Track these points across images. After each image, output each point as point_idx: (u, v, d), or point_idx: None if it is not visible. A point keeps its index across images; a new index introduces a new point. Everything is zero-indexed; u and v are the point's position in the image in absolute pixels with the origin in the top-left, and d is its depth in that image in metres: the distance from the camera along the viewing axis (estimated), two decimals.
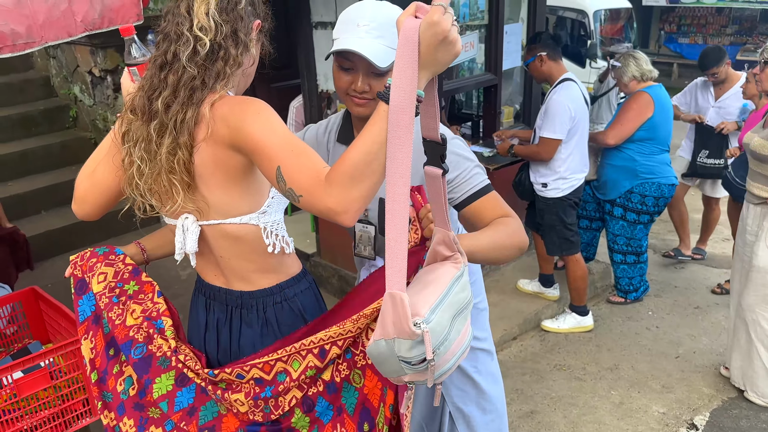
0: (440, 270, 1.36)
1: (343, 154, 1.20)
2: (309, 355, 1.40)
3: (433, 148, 1.33)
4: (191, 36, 1.32)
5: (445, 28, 1.10)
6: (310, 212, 1.26)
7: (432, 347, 1.17)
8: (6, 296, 2.73)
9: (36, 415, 2.26)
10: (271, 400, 1.41)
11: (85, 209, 1.59)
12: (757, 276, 2.95)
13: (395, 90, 1.12)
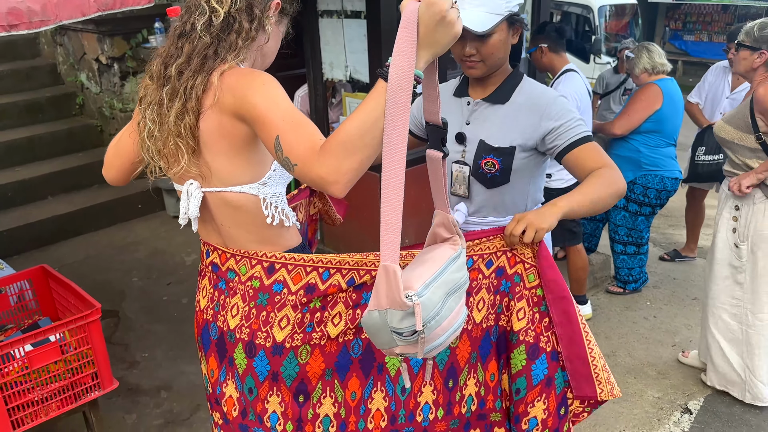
0: (438, 250, 1.43)
1: (339, 126, 1.25)
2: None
3: (434, 132, 1.42)
4: (207, 7, 1.39)
5: (443, 8, 1.17)
6: (304, 181, 1.31)
7: (422, 320, 1.22)
8: (16, 274, 2.79)
9: (46, 387, 2.33)
10: None
11: (112, 173, 1.67)
12: (716, 267, 2.97)
13: (393, 69, 1.18)
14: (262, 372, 1.50)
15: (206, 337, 1.59)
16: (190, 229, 1.61)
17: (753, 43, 2.76)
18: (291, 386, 1.51)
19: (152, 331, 3.82)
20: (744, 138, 2.74)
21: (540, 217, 1.58)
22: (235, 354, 1.53)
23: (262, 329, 1.49)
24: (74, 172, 5.47)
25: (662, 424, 2.87)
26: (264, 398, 1.53)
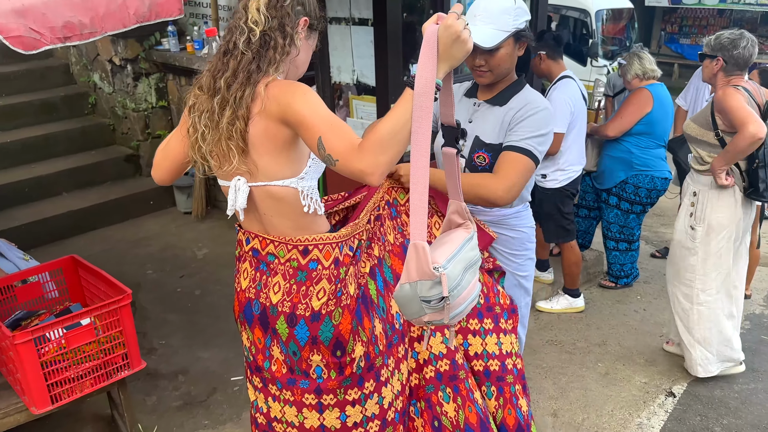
0: (454, 234, 1.69)
1: (374, 128, 1.49)
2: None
3: (449, 132, 1.70)
4: (246, 27, 1.62)
5: (458, 29, 1.43)
6: (344, 174, 1.54)
7: (448, 288, 1.47)
8: (48, 263, 3.00)
9: (81, 366, 2.53)
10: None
11: (159, 174, 1.89)
12: (676, 250, 3.27)
13: (418, 79, 1.44)
14: (303, 338, 1.74)
15: (249, 313, 1.80)
16: (200, 224, 1.87)
17: (711, 51, 3.04)
18: (329, 345, 1.75)
19: (168, 320, 4.03)
20: (705, 134, 3.03)
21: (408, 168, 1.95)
22: (278, 325, 1.76)
23: (302, 301, 1.73)
24: (88, 169, 5.68)
25: (647, 405, 3.09)
26: (307, 358, 1.77)
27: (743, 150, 2.87)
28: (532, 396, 3.14)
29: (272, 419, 1.91)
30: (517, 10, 2.03)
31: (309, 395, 1.81)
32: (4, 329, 2.40)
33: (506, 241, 2.24)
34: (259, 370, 1.88)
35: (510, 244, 2.26)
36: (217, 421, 3.15)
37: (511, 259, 2.27)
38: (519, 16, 2.04)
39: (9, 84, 6.05)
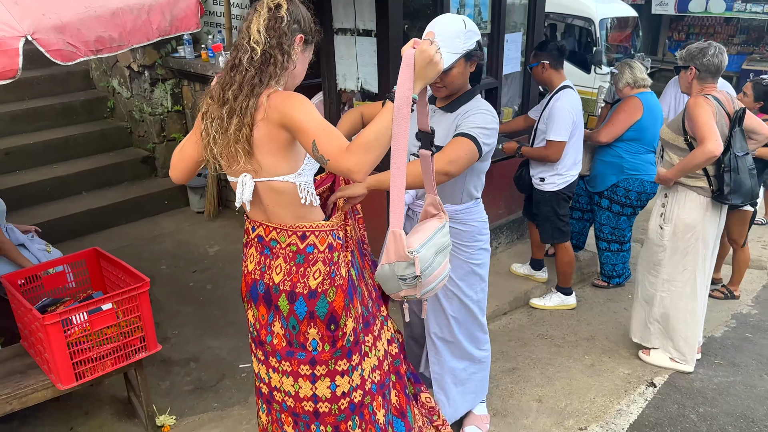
0: (429, 223, 2.01)
1: (361, 133, 1.75)
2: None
3: (425, 136, 2.01)
4: (248, 47, 1.86)
5: (431, 53, 1.70)
6: (334, 172, 1.78)
7: (420, 269, 1.75)
8: (72, 255, 3.26)
9: (102, 347, 2.78)
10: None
11: (176, 174, 2.12)
12: (648, 246, 3.51)
13: (398, 94, 1.71)
14: (302, 313, 1.99)
15: (254, 292, 2.04)
16: (212, 223, 2.14)
17: (683, 62, 3.26)
18: (324, 320, 1.99)
19: (181, 312, 4.28)
20: (676, 139, 3.26)
21: (351, 189, 2.17)
22: (279, 302, 2.01)
23: (301, 281, 1.98)
24: (106, 170, 5.95)
25: (628, 394, 3.29)
26: (304, 331, 2.02)
27: (698, 165, 3.11)
28: (519, 385, 3.36)
29: (273, 388, 2.15)
30: (468, 33, 2.30)
31: (304, 366, 2.06)
32: (35, 312, 2.64)
33: (458, 233, 2.50)
34: (261, 344, 2.12)
35: (461, 236, 2.52)
36: (225, 404, 3.38)
37: (462, 249, 2.54)
38: (469, 38, 2.31)
39: (32, 88, 6.35)
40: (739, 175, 3.11)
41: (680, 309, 3.45)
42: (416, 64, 1.71)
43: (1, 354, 3.01)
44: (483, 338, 2.75)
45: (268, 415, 2.23)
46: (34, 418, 3.24)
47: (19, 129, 5.95)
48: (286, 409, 2.15)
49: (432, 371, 2.72)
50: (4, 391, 2.70)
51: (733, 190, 3.12)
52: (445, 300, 2.59)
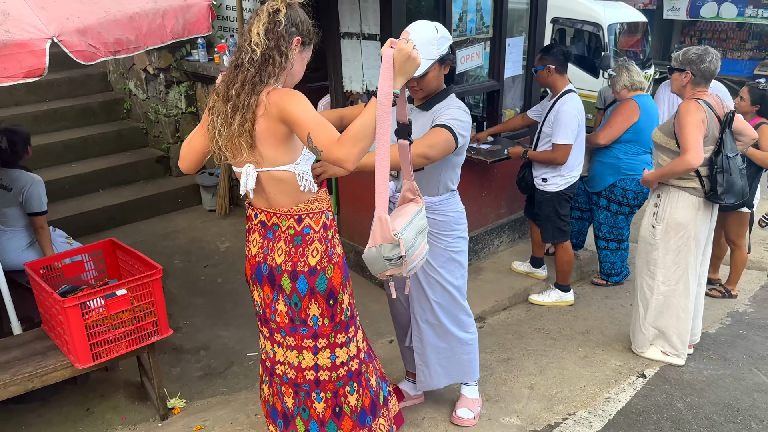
0: (407, 207, 2.24)
1: (349, 126, 1.92)
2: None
3: (403, 128, 2.22)
4: (249, 48, 2.03)
5: (408, 50, 1.89)
6: (327, 161, 1.96)
7: (404, 249, 1.94)
8: (90, 245, 3.45)
9: (117, 330, 2.96)
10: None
11: (185, 165, 2.32)
12: (642, 245, 3.62)
13: (380, 91, 1.90)
14: (303, 290, 2.17)
15: (259, 273, 2.22)
16: (224, 221, 2.33)
17: (680, 65, 3.34)
18: (324, 295, 2.18)
19: (192, 303, 4.46)
20: (668, 142, 3.36)
21: (335, 168, 2.26)
22: (282, 281, 2.18)
23: (301, 260, 2.16)
24: (122, 168, 6.18)
25: (618, 384, 3.41)
26: (306, 307, 2.19)
27: (677, 173, 3.28)
28: (513, 373, 3.49)
29: (276, 362, 2.33)
30: (440, 39, 2.48)
31: (307, 340, 2.25)
32: (56, 295, 2.83)
33: (435, 223, 2.68)
34: (267, 322, 2.30)
35: (439, 226, 2.69)
36: (233, 389, 3.55)
37: (440, 238, 2.71)
38: (442, 44, 2.49)
39: (52, 90, 6.60)
40: (731, 176, 3.22)
41: (673, 306, 3.55)
42: (395, 62, 1.89)
43: (23, 337, 3.21)
44: (467, 321, 2.90)
45: (270, 387, 2.40)
46: (54, 401, 3.42)
47: (40, 129, 6.18)
48: (287, 382, 2.32)
49: (414, 346, 2.90)
50: (26, 370, 2.89)
51: (726, 190, 3.24)
52: (427, 287, 2.76)
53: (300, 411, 2.34)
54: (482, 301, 4.42)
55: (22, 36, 2.09)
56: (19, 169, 3.69)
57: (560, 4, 10.38)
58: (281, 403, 2.38)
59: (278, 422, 2.42)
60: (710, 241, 3.58)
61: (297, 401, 2.34)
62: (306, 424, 2.36)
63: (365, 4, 4.11)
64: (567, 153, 4.08)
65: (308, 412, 2.34)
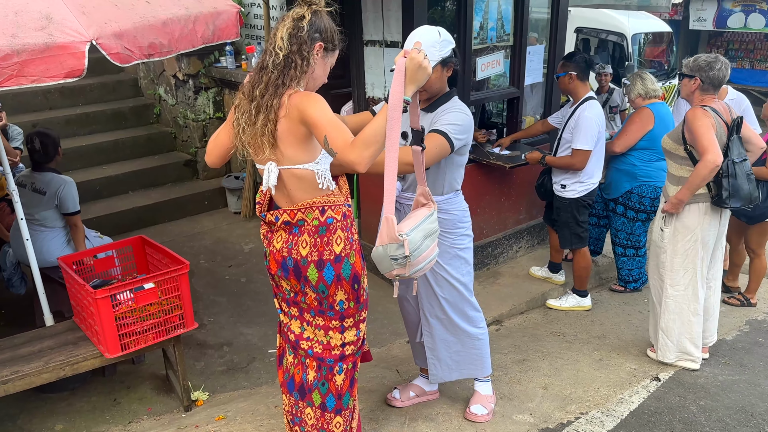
0: (419, 210, 2.36)
1: (362, 131, 2.03)
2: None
3: (416, 134, 2.37)
4: (273, 52, 2.15)
5: (419, 60, 2.02)
6: (341, 163, 2.06)
7: (409, 250, 2.10)
8: (121, 241, 3.61)
9: (145, 322, 3.09)
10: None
11: (211, 159, 2.43)
12: (652, 248, 3.70)
13: (391, 97, 2.03)
14: (329, 277, 2.27)
15: (285, 267, 2.32)
16: (248, 223, 2.45)
17: (689, 72, 3.41)
18: (349, 280, 2.29)
19: (216, 301, 4.59)
20: (677, 148, 3.43)
21: None
22: (308, 272, 2.28)
23: (326, 249, 2.26)
24: (152, 171, 6.37)
25: (632, 386, 3.45)
26: (332, 294, 2.30)
27: (705, 177, 3.27)
28: (527, 374, 3.55)
29: (303, 338, 2.45)
30: (443, 42, 2.58)
31: (335, 321, 2.38)
32: (88, 287, 2.97)
33: (440, 221, 2.75)
34: (296, 303, 2.42)
35: (444, 224, 2.78)
36: (255, 383, 3.66)
37: (446, 236, 2.81)
38: (444, 47, 2.59)
39: (85, 95, 6.84)
40: (737, 180, 3.28)
41: (684, 312, 3.58)
42: (407, 70, 2.01)
43: (56, 328, 3.36)
44: (476, 316, 2.98)
45: (295, 358, 2.51)
46: (83, 391, 3.57)
47: (72, 132, 6.41)
48: (312, 355, 2.44)
49: (425, 341, 2.98)
50: (58, 359, 3.03)
51: (731, 194, 3.29)
52: (435, 284, 2.86)
53: (319, 385, 2.45)
54: (500, 304, 4.49)
55: (63, 39, 2.23)
56: (50, 172, 3.85)
57: (584, 14, 10.42)
58: (302, 375, 2.48)
59: (294, 393, 2.52)
60: (721, 245, 3.62)
61: (319, 375, 2.45)
62: (323, 398, 2.46)
63: (388, 13, 4.23)
64: (586, 159, 4.13)
65: (327, 386, 2.45)
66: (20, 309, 4.19)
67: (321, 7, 2.19)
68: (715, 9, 14.42)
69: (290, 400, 2.54)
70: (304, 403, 2.49)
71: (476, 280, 3.67)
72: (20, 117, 6.13)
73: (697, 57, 3.42)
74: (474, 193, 4.44)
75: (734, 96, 4.79)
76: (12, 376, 2.90)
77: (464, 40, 4.35)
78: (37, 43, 2.20)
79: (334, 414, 2.47)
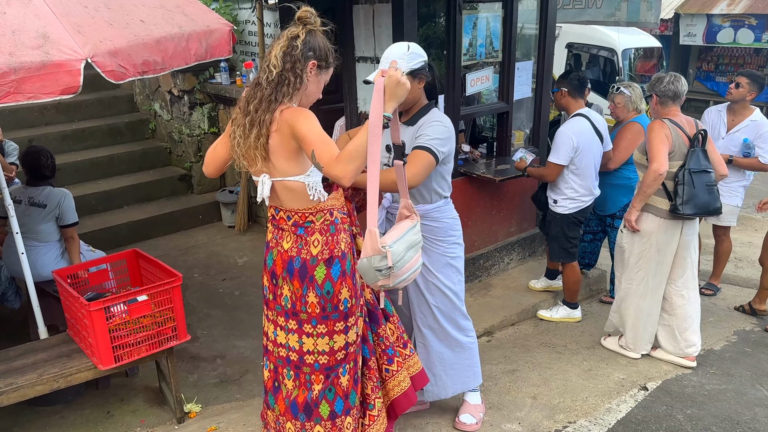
0: (402, 223, 2.44)
1: (346, 147, 2.12)
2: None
3: (397, 149, 2.48)
4: (268, 69, 2.23)
5: (398, 77, 2.11)
6: (327, 176, 2.16)
7: (392, 261, 2.18)
8: (115, 255, 3.65)
9: (138, 335, 3.12)
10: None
11: (208, 170, 2.51)
12: (616, 248, 4.04)
13: (372, 115, 2.12)
14: (336, 274, 2.37)
15: (291, 268, 2.39)
16: (242, 237, 2.56)
17: (648, 91, 3.78)
18: (350, 275, 2.40)
19: (210, 314, 4.63)
20: (641, 158, 3.70)
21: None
22: (316, 272, 2.36)
23: (337, 246, 2.37)
24: (147, 186, 6.42)
25: (620, 395, 3.49)
26: (338, 292, 2.38)
27: (649, 184, 3.54)
28: (517, 384, 3.59)
29: (305, 353, 2.49)
30: (411, 55, 2.67)
31: (339, 323, 2.45)
32: (82, 299, 3.02)
33: (432, 230, 2.85)
34: (296, 314, 2.46)
35: (435, 232, 2.86)
36: (247, 395, 3.69)
37: (437, 244, 2.88)
38: (412, 59, 2.68)
39: (81, 111, 6.91)
40: (693, 189, 3.51)
41: (632, 305, 3.90)
42: (386, 88, 2.11)
43: (50, 341, 3.39)
44: (467, 325, 3.03)
45: (296, 380, 2.55)
46: (77, 404, 3.59)
47: (68, 147, 6.47)
48: (319, 369, 2.49)
49: (419, 354, 3.01)
50: (52, 371, 3.07)
51: (685, 201, 3.52)
52: (427, 292, 2.92)
53: (326, 392, 2.50)
54: (491, 316, 4.53)
55: (59, 57, 2.30)
56: (47, 186, 3.91)
57: (575, 30, 10.57)
58: (307, 394, 2.52)
59: (299, 416, 2.55)
60: (689, 254, 3.80)
61: (325, 384, 2.50)
62: (332, 405, 2.52)
63: (379, 30, 4.32)
64: (556, 172, 4.22)
65: (334, 390, 2.51)
66: (15, 323, 4.22)
67: (316, 27, 2.27)
68: (705, 24, 14.64)
69: (296, 425, 2.57)
70: (311, 423, 2.54)
71: (468, 291, 3.71)
72: (16, 133, 6.19)
73: (657, 77, 3.73)
74: (465, 206, 4.49)
75: (757, 118, 4.82)
76: (6, 388, 2.93)
77: (454, 56, 4.44)
78: (34, 61, 2.27)
79: (344, 416, 2.54)
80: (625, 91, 4.63)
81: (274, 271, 2.46)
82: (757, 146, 4.70)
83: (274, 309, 2.54)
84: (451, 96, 4.46)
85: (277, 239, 2.44)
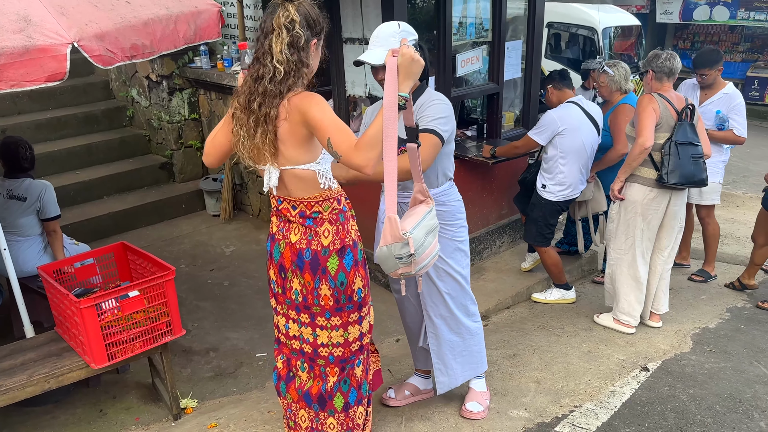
0: (418, 208, 2.35)
1: (365, 132, 2.01)
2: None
3: (411, 132, 2.35)
4: (272, 66, 2.08)
5: (411, 54, 2.00)
6: (348, 166, 2.04)
7: (414, 248, 2.07)
8: (102, 248, 3.51)
9: (131, 331, 3.01)
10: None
11: (209, 160, 2.37)
12: (608, 221, 4.13)
13: (386, 97, 2.00)
14: (349, 263, 2.28)
15: (300, 260, 2.29)
16: (228, 226, 2.44)
17: (644, 67, 3.86)
18: (362, 263, 2.35)
19: (200, 306, 4.51)
20: (632, 131, 3.78)
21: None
22: (328, 263, 2.27)
23: (347, 236, 2.29)
24: (127, 175, 6.24)
25: (622, 377, 3.47)
26: (351, 283, 2.31)
27: (635, 157, 3.69)
28: (519, 369, 3.56)
29: (319, 345, 2.42)
30: (401, 33, 2.57)
31: (354, 314, 2.38)
32: (72, 297, 2.89)
33: (440, 214, 2.75)
34: (307, 308, 2.37)
35: (444, 216, 2.77)
36: (243, 388, 3.60)
37: (446, 229, 2.80)
38: (403, 37, 2.55)
39: (55, 99, 6.67)
40: (679, 160, 3.64)
41: (623, 274, 3.99)
42: (401, 67, 1.99)
43: (38, 339, 3.26)
44: (473, 309, 2.98)
45: (311, 372, 2.48)
46: (68, 403, 3.47)
47: (43, 137, 6.24)
48: (333, 361, 2.42)
49: (430, 345, 2.95)
50: (42, 371, 2.94)
51: (670, 171, 3.65)
52: (438, 280, 2.84)
53: (341, 385, 2.45)
54: (486, 300, 4.49)
55: (43, 41, 2.15)
56: (26, 177, 3.75)
57: (555, 9, 10.50)
58: (321, 385, 2.46)
59: (313, 406, 2.49)
60: (676, 225, 3.92)
61: (340, 377, 2.44)
62: (346, 396, 2.47)
63: (367, 9, 4.20)
64: (529, 146, 4.34)
65: (349, 382, 2.46)
66: None
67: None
68: (681, 2, 14.67)
69: (309, 414, 2.51)
70: (325, 414, 2.49)
71: None
72: None
73: (649, 54, 3.81)
74: (458, 189, 4.42)
75: (729, 91, 4.74)
76: None
77: (444, 36, 4.34)
78: (16, 46, 2.12)
79: (357, 406, 2.50)
80: (609, 71, 4.56)
81: (282, 264, 2.36)
82: (731, 118, 4.65)
83: (284, 303, 2.45)
84: (441, 77, 4.36)
85: (283, 232, 2.33)
